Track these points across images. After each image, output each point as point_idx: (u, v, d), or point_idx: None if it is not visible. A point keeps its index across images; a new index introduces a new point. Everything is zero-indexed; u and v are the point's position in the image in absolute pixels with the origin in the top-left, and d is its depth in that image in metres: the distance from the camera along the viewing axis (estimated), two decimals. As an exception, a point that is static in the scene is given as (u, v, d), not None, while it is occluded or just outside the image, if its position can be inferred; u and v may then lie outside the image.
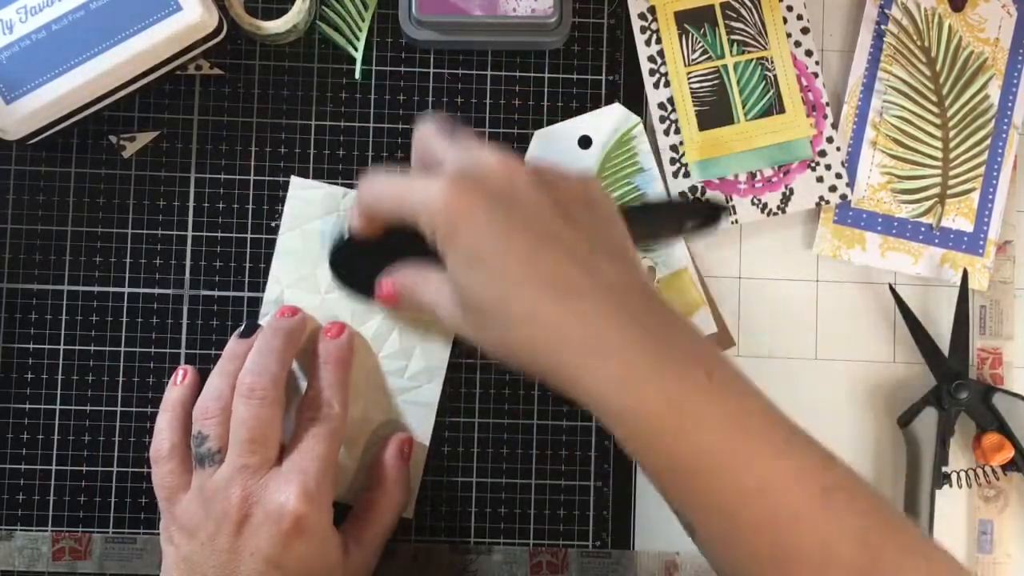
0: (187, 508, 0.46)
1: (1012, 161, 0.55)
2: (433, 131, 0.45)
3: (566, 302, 0.39)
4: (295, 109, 0.54)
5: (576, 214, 0.42)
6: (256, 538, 0.44)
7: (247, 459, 0.46)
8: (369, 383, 0.52)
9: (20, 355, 0.52)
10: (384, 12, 0.54)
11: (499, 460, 0.53)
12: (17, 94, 0.48)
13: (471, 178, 0.41)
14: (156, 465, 0.48)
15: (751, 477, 0.37)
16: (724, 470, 0.38)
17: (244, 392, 0.47)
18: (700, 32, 0.54)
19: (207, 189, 0.53)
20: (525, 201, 0.41)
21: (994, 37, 0.55)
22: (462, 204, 0.40)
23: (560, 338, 0.39)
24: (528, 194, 0.41)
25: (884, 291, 0.54)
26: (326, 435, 0.47)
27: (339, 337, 0.50)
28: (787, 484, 0.38)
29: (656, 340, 0.39)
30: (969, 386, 0.52)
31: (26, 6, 0.48)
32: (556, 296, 0.39)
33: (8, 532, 0.52)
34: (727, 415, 0.38)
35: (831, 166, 0.54)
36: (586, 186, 0.44)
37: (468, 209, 0.40)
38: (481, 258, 0.40)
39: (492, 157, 0.42)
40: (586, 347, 0.38)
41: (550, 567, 0.53)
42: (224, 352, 0.50)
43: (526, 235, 0.40)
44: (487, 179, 0.41)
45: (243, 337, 0.50)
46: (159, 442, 0.48)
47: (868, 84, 0.55)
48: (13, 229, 0.52)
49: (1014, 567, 0.54)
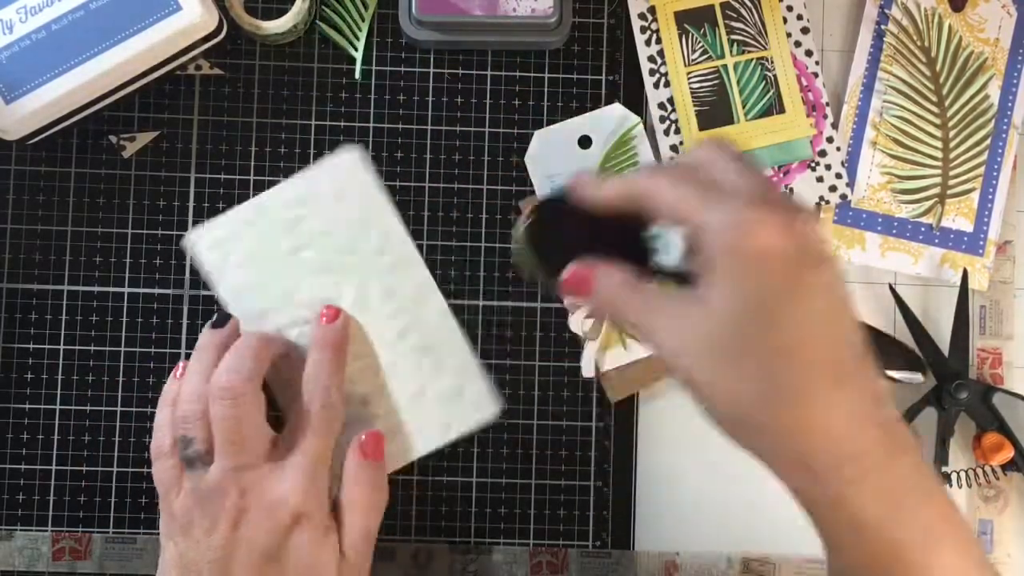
0: (183, 505, 0.46)
1: (1012, 161, 0.55)
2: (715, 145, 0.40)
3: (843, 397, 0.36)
4: (295, 109, 0.54)
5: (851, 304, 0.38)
6: (252, 532, 0.44)
7: (234, 460, 0.45)
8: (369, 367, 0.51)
9: (20, 355, 0.52)
10: (384, 12, 0.54)
11: (499, 460, 0.53)
12: (17, 94, 0.48)
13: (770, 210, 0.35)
14: (157, 461, 0.47)
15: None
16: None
17: (216, 393, 0.45)
18: (700, 32, 0.54)
19: (207, 189, 0.53)
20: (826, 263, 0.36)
21: (994, 37, 0.55)
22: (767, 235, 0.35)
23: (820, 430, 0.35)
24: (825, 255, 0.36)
25: (884, 291, 0.54)
26: (321, 426, 0.46)
27: (334, 322, 0.49)
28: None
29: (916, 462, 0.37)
30: (969, 386, 0.52)
31: (26, 6, 0.48)
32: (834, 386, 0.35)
33: (8, 532, 0.52)
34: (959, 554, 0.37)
35: (831, 166, 0.54)
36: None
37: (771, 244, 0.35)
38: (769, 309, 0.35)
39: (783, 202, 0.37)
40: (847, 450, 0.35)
41: (550, 567, 0.53)
42: (197, 345, 0.48)
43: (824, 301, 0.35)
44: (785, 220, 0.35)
45: (215, 327, 0.48)
46: (160, 438, 0.47)
47: (868, 84, 0.55)
48: (13, 229, 0.53)
49: (1014, 567, 0.54)
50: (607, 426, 0.53)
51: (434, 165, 0.54)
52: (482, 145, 0.54)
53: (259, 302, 0.50)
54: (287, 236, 0.50)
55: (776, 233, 0.35)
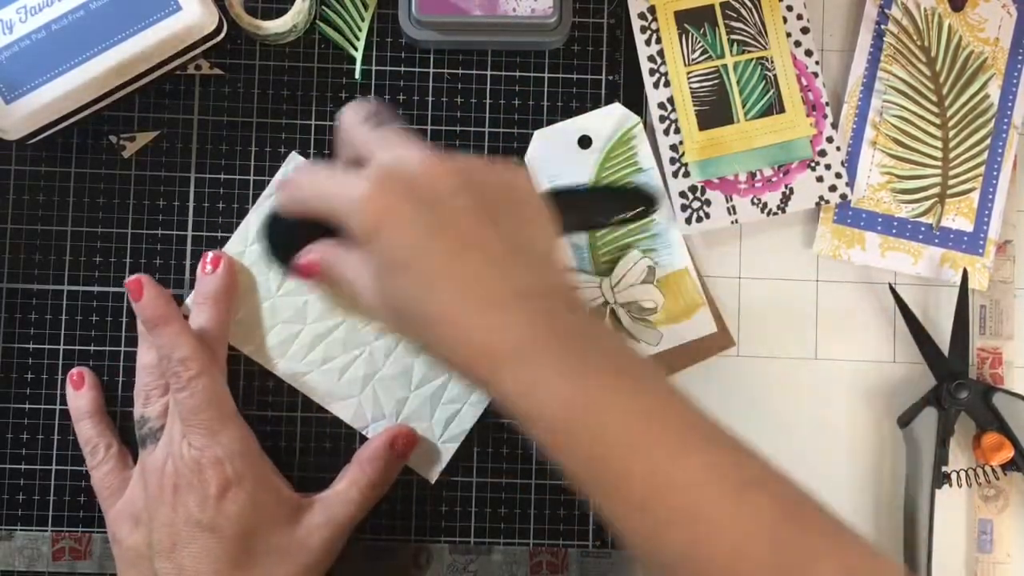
0: (130, 498, 0.49)
1: (1012, 161, 0.55)
2: (359, 119, 0.44)
3: (481, 310, 0.39)
4: (295, 109, 0.54)
5: (501, 215, 0.41)
6: (186, 505, 0.46)
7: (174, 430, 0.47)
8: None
9: (20, 355, 0.52)
10: (384, 12, 0.54)
11: (499, 460, 0.53)
12: (17, 94, 0.48)
13: (395, 179, 0.40)
14: (95, 470, 0.50)
15: (661, 473, 0.38)
16: (635, 466, 0.38)
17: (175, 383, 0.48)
18: (700, 32, 0.54)
19: (207, 189, 0.53)
20: (449, 204, 0.40)
21: (994, 37, 0.55)
22: (385, 206, 0.40)
23: (475, 345, 0.39)
24: (452, 197, 0.41)
25: (884, 291, 0.54)
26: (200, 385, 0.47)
27: (216, 270, 0.51)
28: (699, 480, 0.38)
29: (570, 347, 0.39)
30: (969, 386, 0.52)
31: (26, 6, 0.48)
32: (473, 304, 0.39)
33: (8, 532, 0.52)
34: (637, 412, 0.38)
35: (831, 166, 0.54)
36: (514, 182, 0.43)
37: (391, 212, 0.40)
38: (403, 262, 0.40)
39: (418, 157, 0.41)
40: (500, 354, 0.39)
41: (550, 567, 0.53)
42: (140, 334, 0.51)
43: (448, 240, 0.40)
44: (411, 180, 0.41)
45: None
46: (93, 448, 0.50)
47: (868, 84, 0.55)
48: (13, 229, 0.52)
49: (1014, 567, 0.54)
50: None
51: (434, 165, 0.54)
52: (482, 145, 0.54)
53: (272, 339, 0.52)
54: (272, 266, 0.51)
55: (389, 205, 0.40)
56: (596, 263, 0.53)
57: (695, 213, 0.53)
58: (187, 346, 0.48)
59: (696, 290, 0.53)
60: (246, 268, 0.52)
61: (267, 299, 0.52)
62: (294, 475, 0.51)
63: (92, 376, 0.51)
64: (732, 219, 0.53)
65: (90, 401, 0.51)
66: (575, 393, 0.38)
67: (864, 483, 0.54)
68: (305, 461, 0.52)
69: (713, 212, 0.53)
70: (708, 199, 0.53)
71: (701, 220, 0.53)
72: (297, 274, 0.45)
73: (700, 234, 0.54)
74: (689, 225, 0.53)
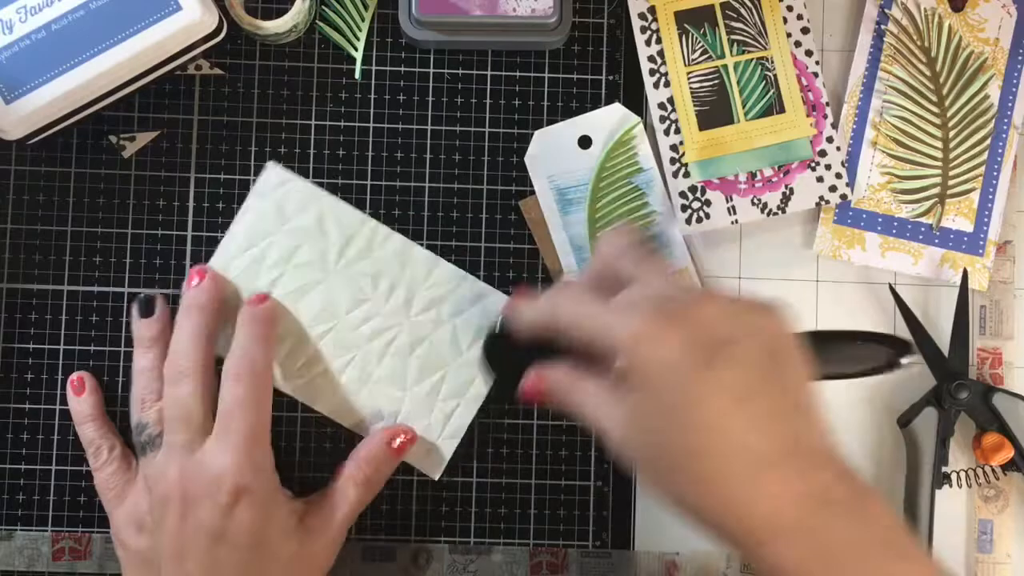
0: (134, 502, 0.48)
1: (1012, 161, 0.55)
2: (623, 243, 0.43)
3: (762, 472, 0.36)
4: (295, 109, 0.54)
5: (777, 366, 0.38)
6: (197, 514, 0.44)
7: (173, 436, 0.46)
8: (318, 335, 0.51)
9: (20, 355, 0.52)
10: (384, 12, 0.54)
11: (499, 460, 0.53)
12: (17, 94, 0.48)
13: (673, 316, 0.38)
14: (99, 472, 0.50)
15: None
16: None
17: (171, 376, 0.47)
18: (700, 32, 0.54)
19: (207, 189, 0.53)
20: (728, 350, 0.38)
21: (994, 37, 0.55)
22: (661, 343, 0.37)
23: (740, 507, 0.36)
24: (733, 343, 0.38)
25: (884, 291, 0.54)
26: (252, 399, 0.46)
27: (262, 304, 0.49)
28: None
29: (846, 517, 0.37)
30: (969, 386, 0.52)
31: (26, 6, 0.48)
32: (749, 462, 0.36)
33: (8, 532, 0.52)
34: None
35: (831, 166, 0.54)
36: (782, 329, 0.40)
37: (666, 351, 0.37)
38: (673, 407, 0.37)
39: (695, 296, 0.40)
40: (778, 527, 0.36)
41: (550, 567, 0.53)
42: (135, 339, 0.50)
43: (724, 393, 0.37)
44: (690, 320, 0.38)
45: (145, 317, 0.50)
46: (96, 449, 0.50)
47: (868, 84, 0.55)
48: (13, 229, 0.52)
49: (1014, 567, 0.54)
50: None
51: (434, 165, 0.54)
52: (482, 145, 0.54)
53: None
54: (258, 279, 0.51)
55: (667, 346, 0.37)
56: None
57: (695, 213, 0.53)
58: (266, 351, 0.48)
59: (696, 288, 0.53)
60: (231, 282, 0.51)
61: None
62: (295, 475, 0.51)
63: (92, 380, 0.51)
64: (732, 219, 0.53)
65: (91, 405, 0.51)
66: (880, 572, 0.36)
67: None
68: (305, 461, 0.52)
69: (713, 212, 0.53)
70: (708, 199, 0.53)
71: (701, 220, 0.53)
72: (522, 398, 0.44)
73: (700, 234, 0.54)
74: (689, 225, 0.53)
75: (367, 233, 0.51)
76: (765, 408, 0.37)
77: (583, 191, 0.53)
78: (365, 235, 0.51)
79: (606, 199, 0.53)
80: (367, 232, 0.51)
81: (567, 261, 0.53)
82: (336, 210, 0.51)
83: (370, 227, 0.51)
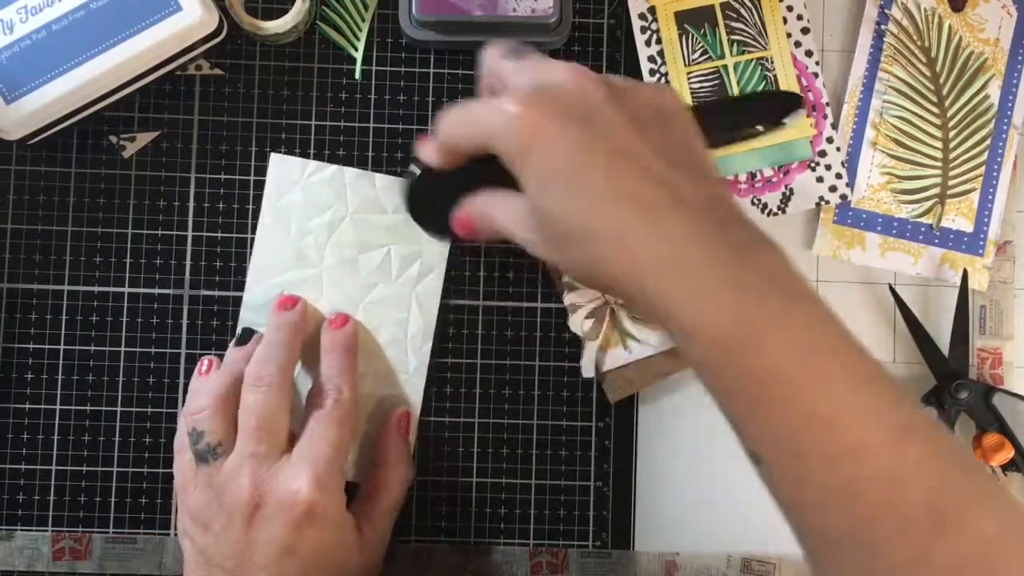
0: (199, 500, 0.47)
1: (1012, 161, 0.55)
2: (499, 54, 0.44)
3: (645, 220, 0.38)
4: (295, 109, 0.54)
5: (652, 128, 0.40)
6: (269, 527, 0.44)
7: (255, 447, 0.45)
8: (370, 365, 0.52)
9: (20, 355, 0.52)
10: (384, 12, 0.54)
11: (499, 460, 0.53)
12: (17, 94, 0.48)
13: (543, 95, 0.40)
14: (177, 455, 0.48)
15: (824, 406, 0.36)
16: (795, 396, 0.36)
17: (251, 380, 0.47)
18: (700, 32, 0.54)
19: (207, 189, 0.53)
20: (600, 116, 0.39)
21: (994, 37, 0.55)
22: (536, 122, 0.39)
23: (640, 256, 0.38)
24: (603, 108, 0.40)
25: (884, 291, 0.54)
26: (335, 420, 0.47)
27: (344, 327, 0.50)
28: (862, 418, 0.36)
29: (735, 259, 0.38)
30: (969, 386, 0.52)
31: (26, 6, 0.48)
32: (636, 214, 0.38)
33: (8, 532, 0.52)
34: (802, 341, 0.37)
35: (831, 166, 0.54)
36: (661, 97, 0.42)
37: (542, 127, 0.39)
38: (558, 176, 0.39)
39: (564, 71, 0.41)
40: (666, 265, 0.38)
41: (550, 567, 0.53)
42: (224, 361, 0.50)
43: (603, 151, 0.39)
44: (560, 95, 0.40)
45: (240, 345, 0.50)
46: (179, 433, 0.49)
47: (868, 84, 0.55)
48: (13, 229, 0.53)
49: (1014, 567, 0.53)
50: (607, 426, 0.53)
51: (434, 165, 0.54)
52: (482, 145, 0.54)
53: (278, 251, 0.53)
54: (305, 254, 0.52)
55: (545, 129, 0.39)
56: None
57: (695, 213, 0.53)
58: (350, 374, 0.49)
59: None
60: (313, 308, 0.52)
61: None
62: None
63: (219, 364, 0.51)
64: (732, 219, 0.53)
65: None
66: (742, 312, 0.37)
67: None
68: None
69: (713, 212, 0.53)
70: (708, 199, 0.53)
71: (701, 220, 0.53)
72: (456, 236, 0.46)
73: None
74: (689, 225, 0.53)
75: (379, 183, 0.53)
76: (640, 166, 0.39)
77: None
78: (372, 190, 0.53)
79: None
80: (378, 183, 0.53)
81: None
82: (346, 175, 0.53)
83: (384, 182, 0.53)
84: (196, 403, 0.48)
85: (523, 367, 0.53)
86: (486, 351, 0.53)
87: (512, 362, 0.53)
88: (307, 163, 0.53)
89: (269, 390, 0.46)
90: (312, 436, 0.46)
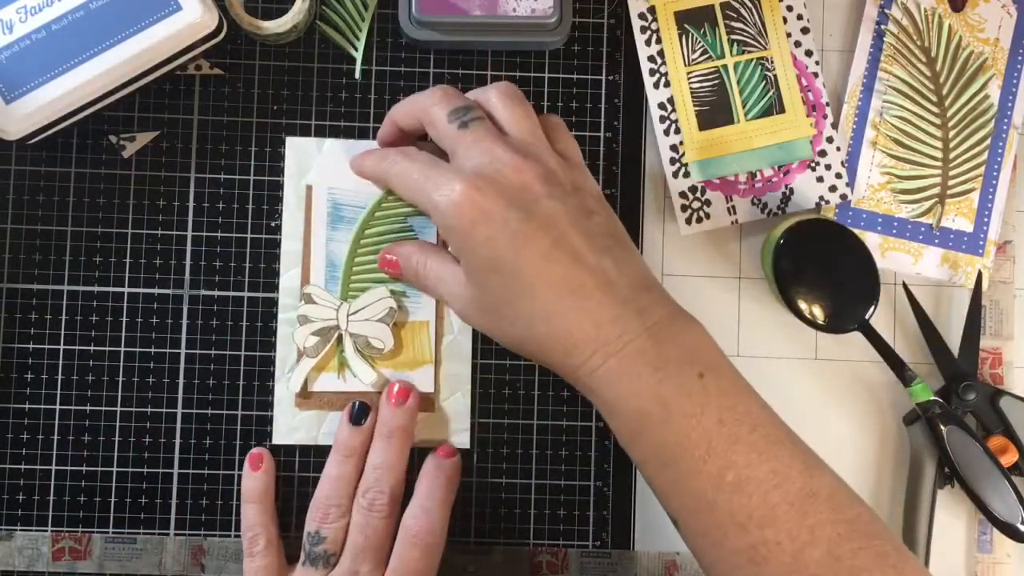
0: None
1: (1012, 161, 0.55)
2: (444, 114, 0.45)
3: (576, 304, 0.42)
4: (295, 109, 0.54)
5: (586, 220, 0.44)
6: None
7: (360, 566, 0.47)
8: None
9: (20, 355, 0.52)
10: (384, 12, 0.54)
11: (499, 460, 0.53)
12: (17, 94, 0.48)
13: (490, 181, 0.43)
14: (251, 559, 0.49)
15: (731, 472, 0.39)
16: (704, 463, 0.40)
17: (366, 506, 0.48)
18: (700, 32, 0.54)
19: (207, 189, 0.53)
20: (540, 208, 0.43)
21: (994, 37, 0.55)
22: (481, 206, 0.42)
23: (565, 336, 0.42)
24: (543, 203, 0.43)
25: (884, 291, 0.54)
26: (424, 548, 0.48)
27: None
28: (766, 483, 0.39)
29: (654, 339, 0.41)
30: (977, 388, 0.52)
31: (26, 6, 0.48)
32: (567, 297, 0.42)
33: (8, 532, 0.52)
34: (710, 410, 0.40)
35: (831, 166, 0.54)
36: (587, 183, 0.46)
37: (487, 211, 0.42)
38: (498, 260, 0.42)
39: (509, 159, 0.43)
40: (592, 345, 0.42)
41: (550, 567, 0.53)
42: (336, 442, 0.50)
43: (541, 242, 0.42)
44: (506, 184, 0.43)
45: (355, 424, 0.50)
46: (253, 536, 0.50)
47: (868, 84, 0.55)
48: (13, 229, 0.53)
49: (1014, 567, 0.53)
50: (607, 426, 0.53)
51: (434, 165, 0.54)
52: (482, 145, 0.54)
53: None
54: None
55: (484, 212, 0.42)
56: (344, 286, 0.52)
57: (695, 213, 0.53)
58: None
59: (429, 347, 0.52)
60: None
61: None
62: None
63: (271, 460, 0.51)
64: (732, 219, 0.53)
65: (264, 485, 0.51)
66: (657, 388, 0.41)
67: (864, 482, 0.54)
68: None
69: (713, 212, 0.53)
70: (708, 199, 0.53)
71: (701, 220, 0.53)
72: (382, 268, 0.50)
73: (700, 234, 0.54)
74: (689, 225, 0.53)
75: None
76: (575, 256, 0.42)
77: (357, 213, 0.52)
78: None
79: (376, 229, 0.52)
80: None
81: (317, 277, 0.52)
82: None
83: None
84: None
85: (523, 367, 0.53)
86: (486, 351, 0.53)
87: (512, 362, 0.53)
88: (322, 141, 0.53)
89: (381, 515, 0.48)
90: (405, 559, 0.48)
